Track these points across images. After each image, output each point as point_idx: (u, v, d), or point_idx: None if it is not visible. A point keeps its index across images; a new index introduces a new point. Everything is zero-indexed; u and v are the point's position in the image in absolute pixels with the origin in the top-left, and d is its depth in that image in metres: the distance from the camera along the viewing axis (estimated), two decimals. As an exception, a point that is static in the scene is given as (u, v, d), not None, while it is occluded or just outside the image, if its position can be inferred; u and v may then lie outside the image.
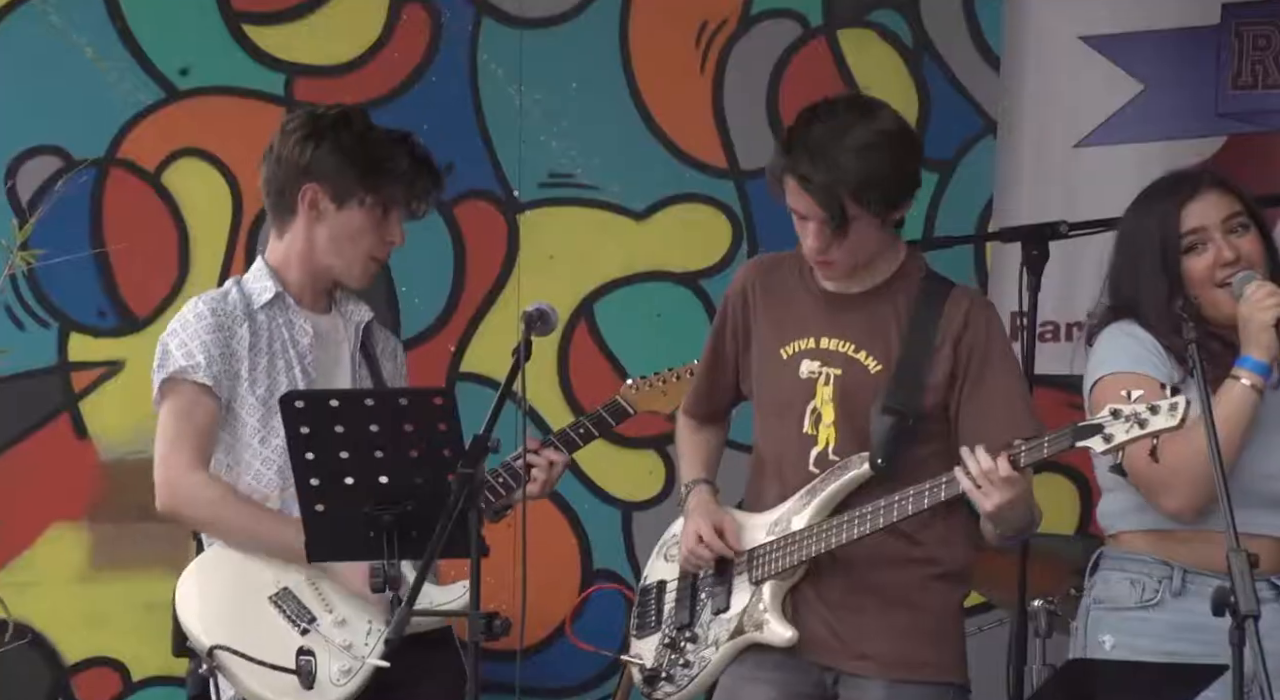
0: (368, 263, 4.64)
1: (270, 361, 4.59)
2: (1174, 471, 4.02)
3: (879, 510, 4.15)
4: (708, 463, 4.50)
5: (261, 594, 4.50)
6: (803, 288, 4.34)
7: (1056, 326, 6.03)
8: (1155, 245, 4.18)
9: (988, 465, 3.98)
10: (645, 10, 6.25)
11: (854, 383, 4.24)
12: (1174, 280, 4.16)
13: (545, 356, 6.19)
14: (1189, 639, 4.04)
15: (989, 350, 4.23)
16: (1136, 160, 5.92)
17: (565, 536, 6.29)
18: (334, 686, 4.43)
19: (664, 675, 4.36)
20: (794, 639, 4.23)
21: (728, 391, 4.47)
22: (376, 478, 4.08)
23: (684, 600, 4.40)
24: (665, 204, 6.32)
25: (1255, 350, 4.07)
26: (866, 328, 4.27)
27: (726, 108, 6.27)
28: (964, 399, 4.21)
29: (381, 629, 4.45)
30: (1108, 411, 3.91)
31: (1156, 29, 5.95)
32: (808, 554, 4.22)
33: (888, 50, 6.23)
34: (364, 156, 4.56)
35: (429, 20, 6.24)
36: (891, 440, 4.19)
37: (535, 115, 6.28)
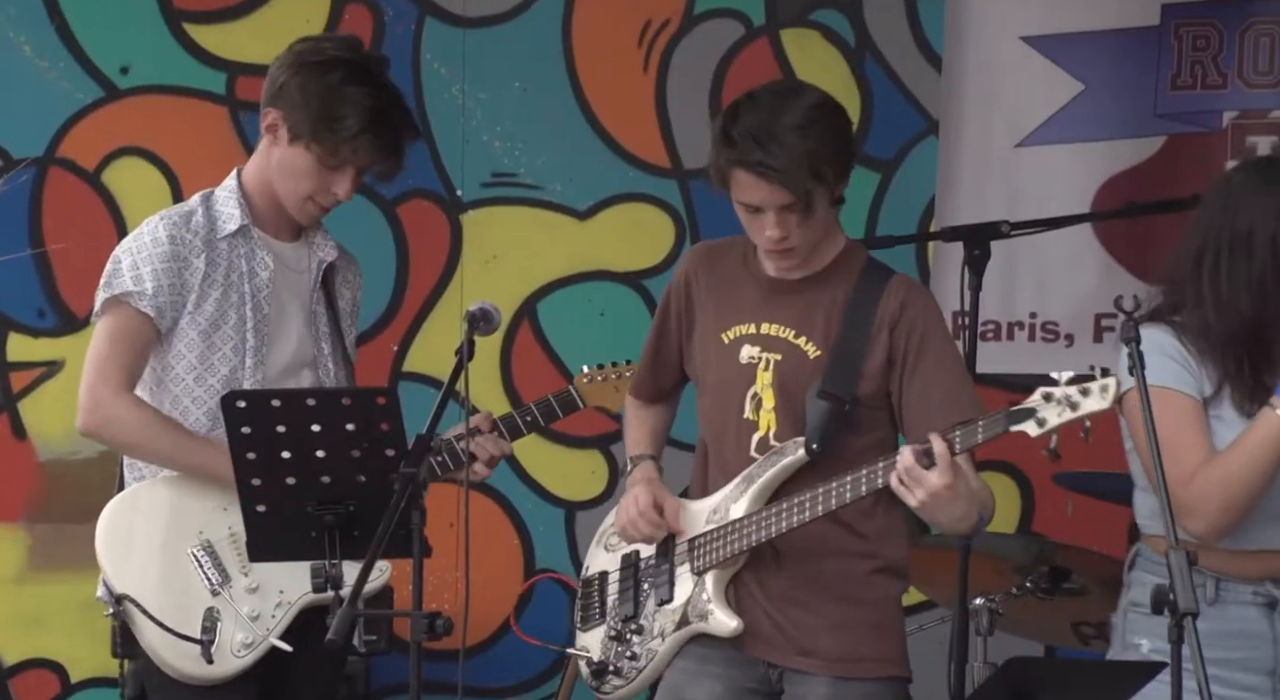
0: (305, 203, 4.58)
1: (223, 295, 4.55)
2: (1202, 496, 3.99)
3: (818, 497, 4.14)
4: (653, 438, 4.50)
5: (183, 545, 4.48)
6: (745, 273, 4.34)
7: (998, 325, 6.05)
8: (1268, 246, 4.01)
9: (909, 462, 3.98)
10: (588, 9, 6.25)
11: (793, 368, 4.25)
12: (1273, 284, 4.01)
13: (488, 356, 6.19)
14: (1229, 645, 4.03)
15: (926, 335, 4.22)
16: (1077, 160, 5.95)
17: (508, 536, 6.28)
18: (233, 657, 4.43)
19: (611, 668, 4.35)
20: (739, 628, 4.23)
21: (671, 374, 4.48)
22: (318, 477, 4.06)
23: (627, 591, 4.40)
24: (608, 203, 6.32)
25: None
26: (806, 313, 4.27)
27: (670, 107, 6.27)
28: (904, 384, 4.21)
29: (292, 601, 4.46)
30: (1039, 395, 3.89)
31: (1097, 29, 5.98)
32: (748, 543, 4.22)
33: (830, 50, 6.25)
34: (322, 106, 4.50)
35: (371, 19, 6.22)
36: (828, 425, 4.19)
37: (478, 115, 6.27)
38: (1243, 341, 4.04)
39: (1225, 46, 5.91)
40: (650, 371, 4.49)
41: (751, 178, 4.14)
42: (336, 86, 4.50)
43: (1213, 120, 5.94)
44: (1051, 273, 6.05)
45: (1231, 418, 4.06)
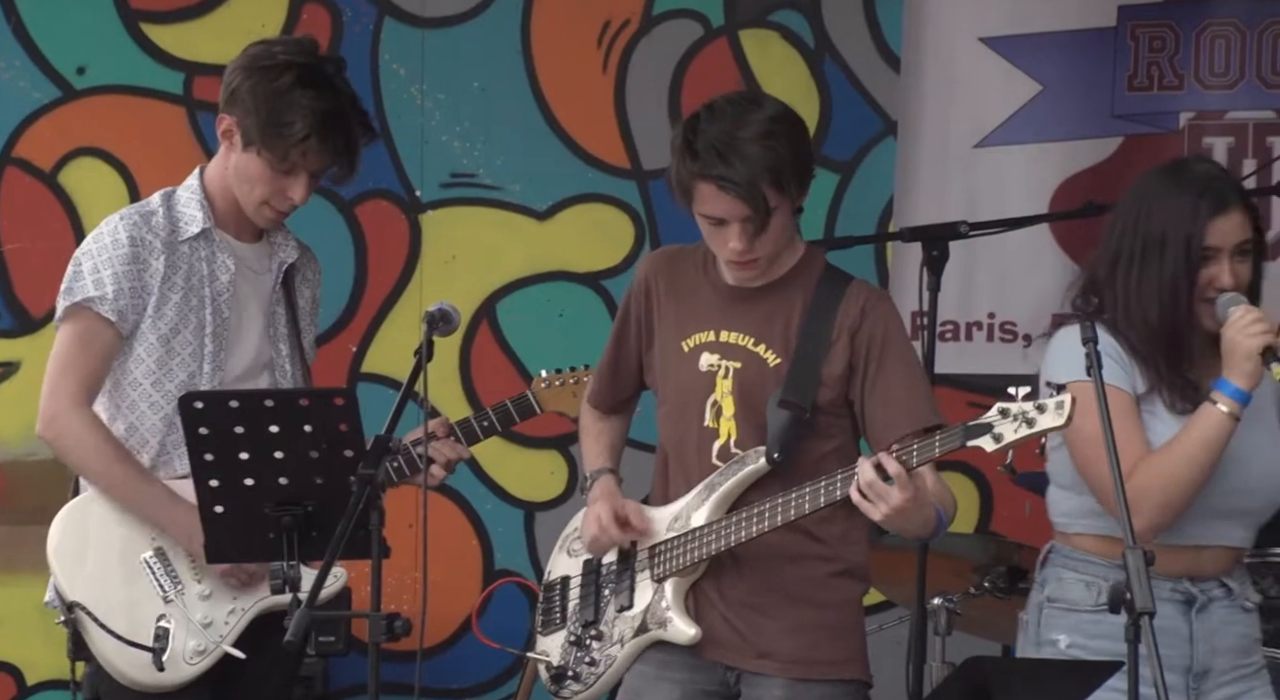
0: (261, 207, 4.56)
1: (183, 298, 4.53)
2: (1144, 493, 3.99)
3: (778, 507, 4.15)
4: (611, 452, 4.50)
5: (136, 551, 4.47)
6: (705, 281, 4.34)
7: (956, 326, 6.07)
8: (1180, 249, 4.05)
9: (870, 477, 4.00)
10: (547, 10, 6.25)
11: (753, 376, 4.25)
12: (1191, 288, 4.05)
13: (447, 357, 6.18)
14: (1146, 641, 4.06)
15: (887, 342, 4.23)
16: (1035, 161, 5.97)
17: (467, 537, 6.28)
18: (185, 664, 4.41)
19: (571, 674, 4.35)
20: (697, 636, 4.24)
21: (630, 384, 4.47)
22: (276, 479, 4.05)
23: (588, 597, 4.40)
24: (567, 204, 6.32)
25: (1238, 378, 4.00)
26: (766, 321, 4.28)
27: (629, 107, 6.27)
28: (865, 391, 4.22)
29: (245, 608, 4.45)
30: (996, 410, 3.91)
31: (1054, 30, 6.00)
32: (709, 551, 4.23)
33: (789, 51, 6.26)
34: (270, 112, 4.47)
35: (330, 19, 6.21)
36: (789, 433, 4.20)
37: (437, 115, 6.26)
38: (1156, 346, 4.08)
39: (1181, 48, 5.93)
40: (609, 382, 4.49)
41: (714, 190, 4.14)
42: (285, 91, 4.47)
43: (1169, 121, 5.97)
44: (1010, 273, 6.06)
45: (1164, 414, 4.09)
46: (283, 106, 4.46)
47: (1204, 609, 4.11)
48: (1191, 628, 4.10)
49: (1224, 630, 4.12)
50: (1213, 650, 4.11)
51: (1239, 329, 4.02)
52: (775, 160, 4.12)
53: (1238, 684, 4.14)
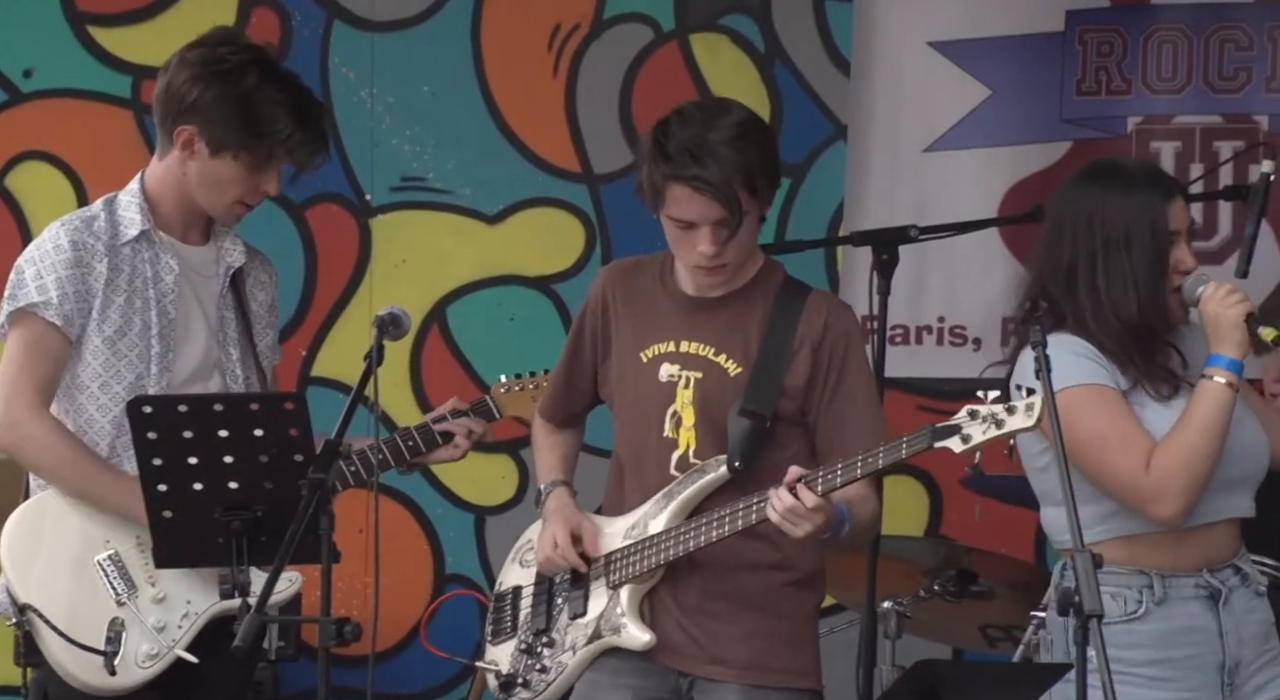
0: (234, 206, 4.57)
1: (128, 300, 4.52)
2: (1165, 479, 4.00)
3: (736, 514, 4.16)
4: (565, 464, 4.50)
5: (89, 554, 4.45)
6: (662, 291, 4.35)
7: (906, 330, 6.08)
8: (1147, 236, 4.09)
9: (791, 502, 4.01)
10: (497, 13, 6.24)
11: (714, 386, 4.25)
12: (1165, 272, 4.09)
13: (398, 361, 6.17)
14: (1177, 642, 4.06)
15: (849, 356, 4.25)
16: (984, 165, 5.99)
17: (417, 541, 6.27)
18: (137, 668, 4.40)
19: (520, 681, 4.35)
20: (651, 642, 4.24)
21: (584, 397, 4.47)
22: (226, 483, 4.04)
23: (540, 605, 4.39)
24: (518, 208, 6.31)
25: (1229, 348, 4.04)
26: (726, 331, 4.28)
27: (579, 111, 6.27)
28: (823, 404, 4.24)
29: (199, 612, 4.44)
30: (965, 412, 3.92)
31: (1003, 35, 6.01)
32: (665, 558, 4.23)
33: (739, 55, 6.26)
34: (248, 113, 4.48)
35: (279, 23, 6.20)
36: (749, 443, 4.21)
37: (387, 119, 6.25)
38: (1131, 340, 4.09)
39: (1129, 53, 5.96)
40: (562, 395, 4.48)
41: (688, 192, 4.15)
42: (255, 92, 4.48)
43: (1117, 125, 5.99)
44: (959, 277, 6.08)
45: (1152, 405, 4.10)
46: (259, 109, 4.47)
47: (1227, 601, 4.11)
48: (1220, 623, 4.11)
49: (1247, 619, 4.13)
50: (1240, 641, 4.12)
51: (1218, 301, 4.07)
52: (747, 162, 4.14)
53: (1264, 672, 4.15)
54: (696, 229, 4.18)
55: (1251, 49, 5.91)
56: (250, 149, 4.48)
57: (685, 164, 4.13)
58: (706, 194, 4.13)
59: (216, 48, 4.57)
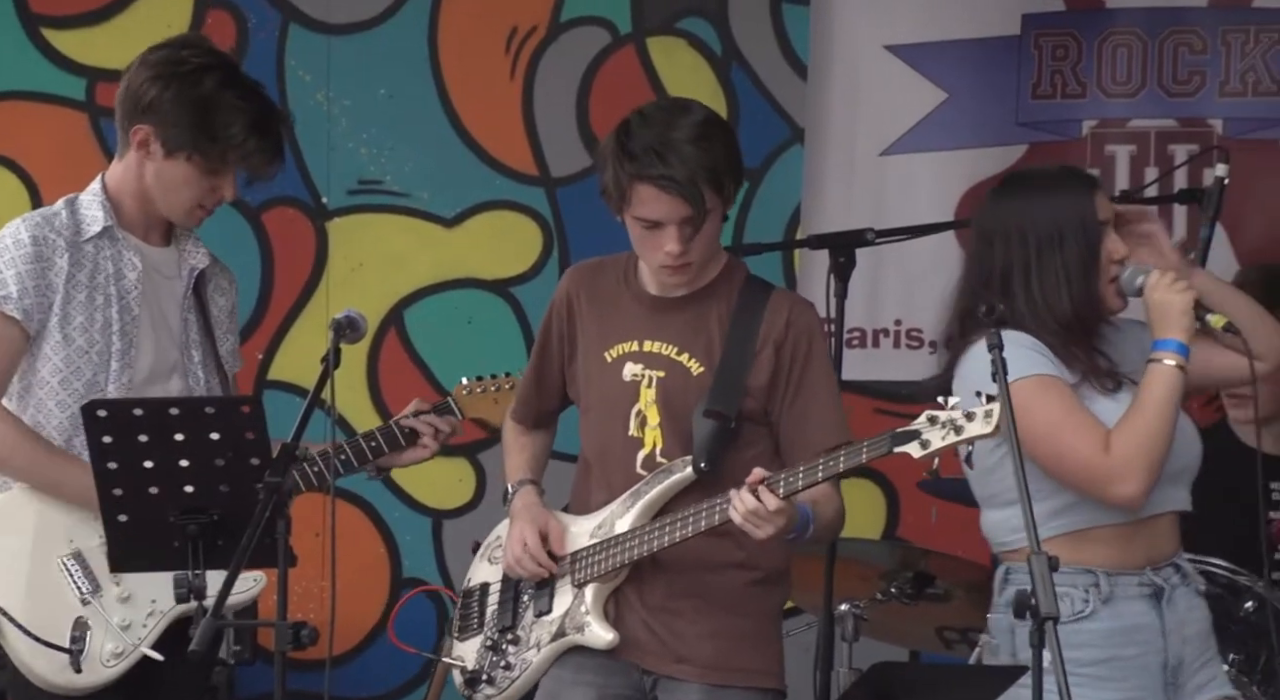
0: (193, 210, 4.57)
1: (89, 296, 4.51)
2: (1127, 459, 4.04)
3: (701, 514, 4.17)
4: (533, 464, 4.50)
5: (52, 553, 4.44)
6: (627, 292, 4.36)
7: (863, 332, 6.09)
8: (1079, 232, 4.13)
9: (753, 505, 4.02)
10: (454, 16, 6.24)
11: (676, 385, 4.27)
12: (1096, 268, 4.14)
13: (355, 364, 6.16)
14: (1124, 641, 4.08)
15: (810, 355, 4.27)
16: (940, 168, 6.00)
17: (374, 545, 6.26)
18: (102, 666, 4.40)
19: (485, 677, 4.36)
20: (615, 641, 4.25)
21: (553, 398, 4.48)
22: (182, 487, 4.04)
23: (507, 603, 4.40)
24: (475, 211, 6.31)
25: (1176, 333, 4.08)
26: (689, 330, 4.29)
27: (536, 114, 6.27)
28: (785, 403, 4.25)
29: (164, 611, 4.42)
30: (924, 417, 3.94)
31: (959, 39, 6.03)
32: (630, 557, 4.24)
33: (696, 58, 6.27)
34: (204, 117, 4.48)
35: (234, 25, 6.18)
36: (714, 443, 4.22)
37: (343, 122, 6.25)
38: (1071, 336, 4.13)
39: (1084, 56, 5.98)
40: (532, 397, 4.49)
41: (654, 191, 4.16)
42: (212, 95, 4.48)
43: (1072, 129, 6.01)
44: (916, 280, 6.09)
45: (1099, 398, 4.13)
46: (215, 112, 4.47)
47: (1170, 600, 4.14)
48: (1163, 622, 4.13)
49: (1189, 618, 4.16)
50: (1183, 640, 4.14)
51: (1165, 288, 4.12)
52: (712, 160, 4.16)
53: (1204, 671, 4.18)
54: (662, 228, 4.18)
55: (1206, 53, 5.93)
56: (204, 152, 4.48)
57: (650, 163, 4.14)
58: (672, 192, 4.14)
59: (180, 50, 4.57)
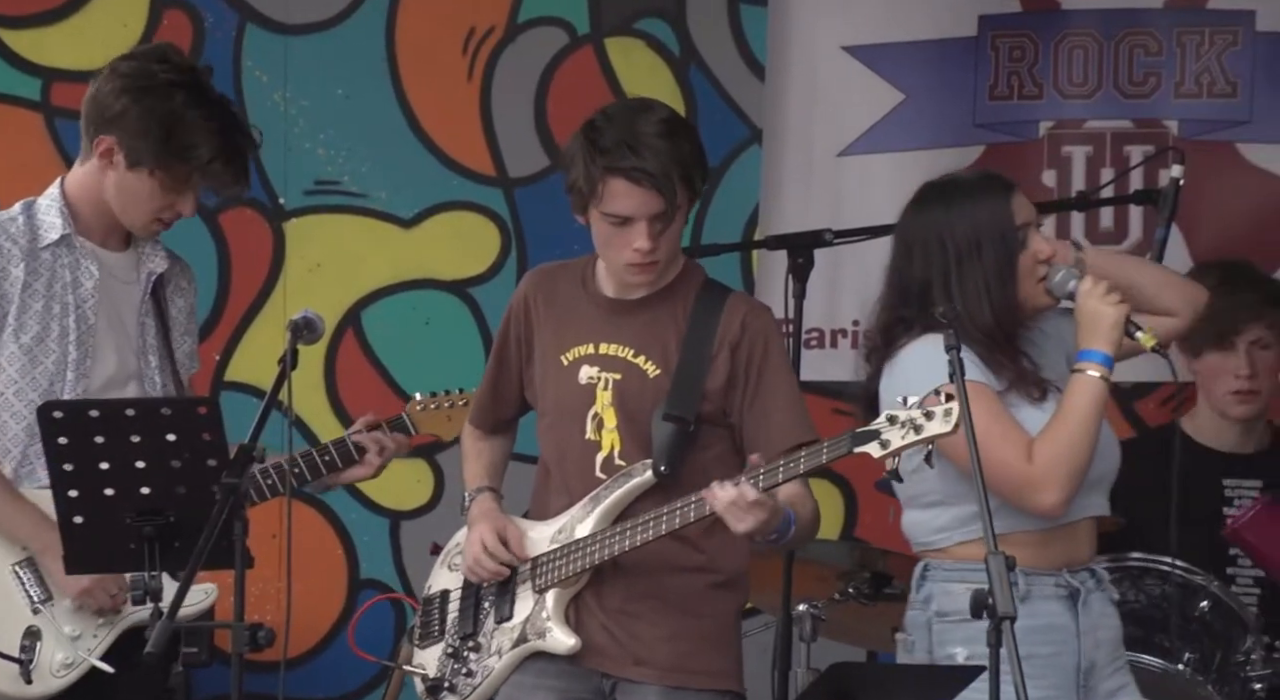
0: (150, 223, 4.56)
1: (45, 306, 4.49)
2: (1049, 468, 4.07)
3: (661, 517, 4.18)
4: (491, 471, 4.50)
5: (4, 560, 4.42)
6: (584, 295, 4.36)
7: (822, 333, 6.10)
8: (996, 239, 4.16)
9: (733, 495, 4.02)
10: (411, 17, 6.23)
11: (633, 387, 4.27)
12: (1014, 275, 4.17)
13: (312, 365, 6.14)
14: (1040, 640, 4.10)
15: (767, 355, 4.28)
16: (898, 169, 6.00)
17: (332, 546, 6.24)
18: (52, 677, 4.38)
19: (447, 685, 4.35)
20: (576, 647, 4.25)
21: (512, 403, 4.47)
22: (138, 488, 4.02)
23: (468, 609, 4.40)
24: (433, 211, 6.30)
25: (1103, 344, 4.11)
26: (645, 333, 4.30)
27: (494, 115, 6.26)
28: (744, 405, 4.26)
29: (115, 621, 4.42)
30: (884, 417, 3.95)
31: (917, 40, 6.04)
32: (591, 562, 4.24)
33: (654, 59, 6.27)
34: (169, 135, 4.47)
35: (191, 25, 6.17)
36: (674, 447, 4.23)
37: (301, 122, 6.23)
38: (995, 345, 4.15)
39: (1041, 57, 6.00)
40: (490, 401, 4.49)
41: (626, 185, 4.17)
42: (180, 113, 4.47)
43: (1029, 130, 6.02)
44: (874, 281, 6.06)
45: (1024, 406, 4.16)
46: (182, 130, 4.46)
47: (1085, 603, 4.16)
48: (1078, 623, 4.16)
49: (1102, 623, 4.20)
50: (1096, 644, 4.18)
51: (1098, 298, 4.14)
52: (681, 155, 4.19)
53: (1114, 678, 4.22)
54: (632, 225, 4.19)
55: (1161, 54, 5.95)
56: (167, 168, 4.47)
57: (623, 155, 4.15)
58: (645, 185, 4.15)
59: (150, 63, 4.55)
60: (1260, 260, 5.67)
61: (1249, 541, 5.14)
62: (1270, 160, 5.69)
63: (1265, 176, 5.78)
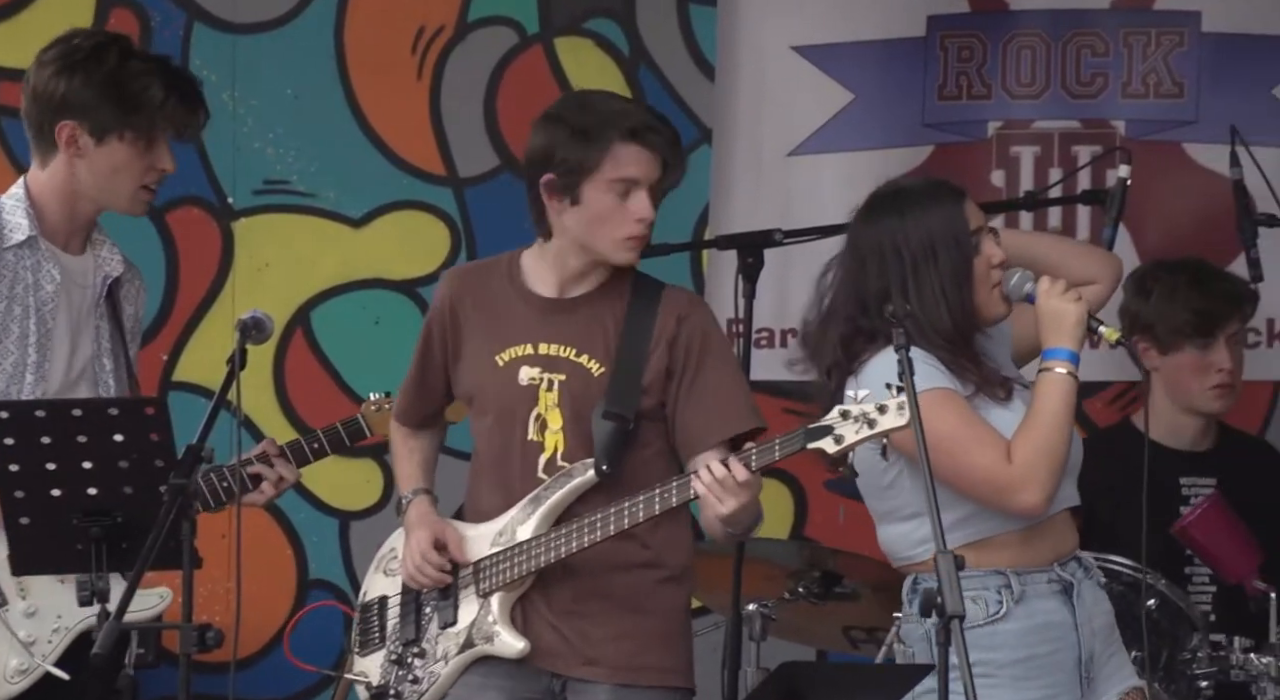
0: (138, 193, 4.56)
1: (7, 307, 4.47)
2: (1029, 467, 4.08)
3: (609, 517, 4.17)
4: (424, 470, 4.48)
5: None
6: (515, 295, 4.34)
7: (772, 333, 6.10)
8: (951, 245, 4.18)
9: (722, 473, 4.02)
10: (360, 16, 6.22)
11: (579, 387, 4.26)
12: (970, 280, 4.18)
13: (261, 365, 6.12)
14: (1038, 639, 4.11)
15: (705, 346, 4.28)
16: (847, 169, 6.02)
17: (281, 546, 6.23)
18: (5, 683, 4.35)
19: (392, 692, 4.34)
20: (526, 650, 4.24)
21: (438, 399, 4.46)
22: (85, 489, 4.01)
23: (409, 616, 4.38)
24: (383, 211, 6.29)
25: (1068, 341, 4.13)
26: (585, 331, 4.29)
27: (444, 114, 6.26)
28: (681, 394, 4.26)
29: (69, 627, 4.39)
30: (837, 412, 3.95)
31: (866, 40, 6.05)
32: (538, 564, 4.23)
33: (604, 59, 6.27)
34: (119, 90, 4.47)
35: (138, 24, 6.14)
36: (615, 445, 4.22)
37: (249, 121, 6.21)
38: (957, 349, 4.16)
39: (989, 57, 6.01)
40: (415, 399, 4.47)
41: (635, 149, 4.19)
42: (118, 68, 4.49)
43: (978, 130, 6.04)
44: (823, 281, 6.11)
45: (992, 408, 4.17)
46: (128, 81, 4.48)
47: (1079, 594, 4.18)
48: (1075, 617, 4.17)
49: (1095, 611, 4.22)
50: (1093, 633, 4.19)
51: (1058, 297, 4.17)
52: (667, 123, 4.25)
53: (1111, 662, 4.23)
54: (635, 191, 4.20)
55: (1108, 55, 5.98)
56: (133, 125, 4.47)
57: (628, 117, 4.18)
58: (653, 146, 4.19)
59: (70, 41, 4.55)
60: (1207, 259, 5.69)
61: (1196, 539, 5.16)
62: (1216, 160, 5.71)
63: (1211, 176, 5.80)
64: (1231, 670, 4.91)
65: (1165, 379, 5.43)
